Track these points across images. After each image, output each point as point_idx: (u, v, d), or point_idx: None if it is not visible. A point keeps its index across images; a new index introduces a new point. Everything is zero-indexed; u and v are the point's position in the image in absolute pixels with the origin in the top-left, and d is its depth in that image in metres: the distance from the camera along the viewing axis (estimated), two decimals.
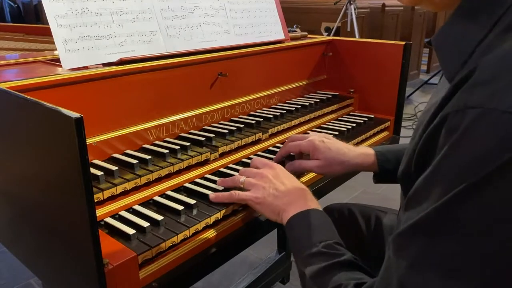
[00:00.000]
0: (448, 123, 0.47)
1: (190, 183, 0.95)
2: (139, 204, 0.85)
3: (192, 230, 0.78)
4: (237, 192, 0.84)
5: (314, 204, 0.79)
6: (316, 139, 0.98)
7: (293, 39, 1.51)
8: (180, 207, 0.83)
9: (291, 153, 1.05)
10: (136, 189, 0.86)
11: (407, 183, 0.58)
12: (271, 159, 1.03)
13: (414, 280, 0.48)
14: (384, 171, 0.98)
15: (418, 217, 0.48)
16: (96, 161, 0.91)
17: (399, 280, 0.49)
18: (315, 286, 0.66)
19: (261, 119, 1.22)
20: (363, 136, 1.31)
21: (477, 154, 0.43)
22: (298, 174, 1.02)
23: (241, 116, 1.27)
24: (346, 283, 0.61)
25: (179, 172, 0.95)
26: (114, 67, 0.95)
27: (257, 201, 0.82)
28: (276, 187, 0.82)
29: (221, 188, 0.91)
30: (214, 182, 0.95)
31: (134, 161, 0.89)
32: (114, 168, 0.85)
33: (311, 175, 1.06)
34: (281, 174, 0.86)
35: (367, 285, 0.57)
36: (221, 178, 0.93)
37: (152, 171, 0.88)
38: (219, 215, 0.83)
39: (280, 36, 1.44)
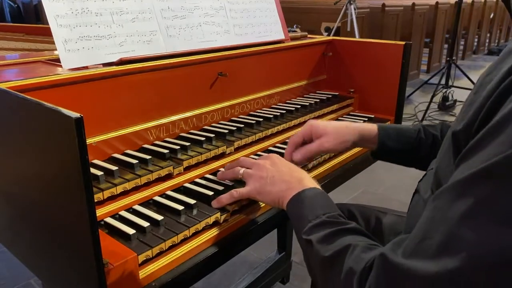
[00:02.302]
0: None
1: (190, 183, 0.95)
2: (139, 204, 0.85)
3: (192, 230, 0.78)
4: (236, 190, 0.85)
5: (312, 184, 0.80)
6: (313, 121, 0.99)
7: (293, 39, 1.51)
8: (180, 207, 0.83)
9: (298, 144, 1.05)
10: (136, 189, 0.86)
11: (466, 138, 0.54)
12: None
13: (468, 228, 0.45)
14: (383, 145, 0.99)
15: (487, 163, 0.45)
16: (96, 161, 0.91)
17: (447, 230, 0.46)
18: (322, 250, 0.65)
19: (261, 119, 1.22)
20: None
21: None
22: (308, 162, 1.05)
23: (241, 116, 1.27)
24: (355, 244, 0.61)
25: (179, 172, 0.95)
26: (114, 67, 0.95)
27: (257, 191, 0.83)
28: (273, 175, 0.83)
29: (221, 188, 0.91)
30: (214, 182, 0.95)
31: (134, 161, 0.89)
32: (114, 168, 0.85)
33: (313, 173, 1.06)
34: (278, 162, 0.87)
35: (395, 242, 0.55)
36: (221, 171, 0.95)
37: (152, 171, 0.88)
38: (219, 215, 0.83)
39: (280, 36, 1.44)
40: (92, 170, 0.83)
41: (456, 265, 0.45)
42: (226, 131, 1.11)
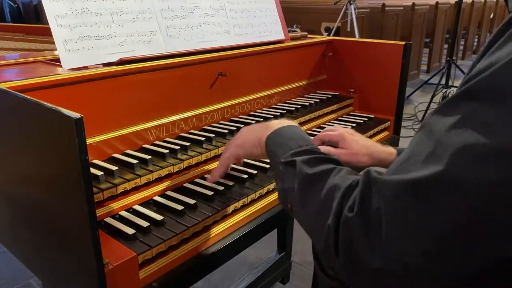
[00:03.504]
0: None
1: (190, 183, 0.95)
2: (139, 204, 0.85)
3: (192, 230, 0.78)
4: (223, 156, 0.86)
5: (293, 123, 0.80)
6: (345, 131, 1.04)
7: (293, 39, 1.51)
8: (180, 207, 0.83)
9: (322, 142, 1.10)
10: (136, 189, 0.86)
11: None
12: None
13: (455, 135, 0.45)
14: None
15: (472, 82, 0.46)
16: (96, 161, 0.91)
17: (434, 141, 0.47)
18: (305, 168, 0.63)
19: (261, 119, 1.22)
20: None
21: None
22: None
23: (241, 116, 1.27)
24: (341, 168, 0.61)
25: (179, 172, 0.95)
26: (114, 67, 0.95)
27: (238, 146, 0.84)
28: (252, 126, 0.85)
29: (221, 188, 0.91)
30: (214, 182, 0.95)
31: (134, 161, 0.89)
32: (114, 168, 0.85)
33: None
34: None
35: (385, 172, 0.54)
36: (209, 175, 0.95)
37: (152, 171, 0.88)
38: (218, 215, 0.83)
39: (280, 36, 1.44)
40: (92, 170, 0.83)
41: (443, 167, 0.45)
42: (226, 131, 1.11)
